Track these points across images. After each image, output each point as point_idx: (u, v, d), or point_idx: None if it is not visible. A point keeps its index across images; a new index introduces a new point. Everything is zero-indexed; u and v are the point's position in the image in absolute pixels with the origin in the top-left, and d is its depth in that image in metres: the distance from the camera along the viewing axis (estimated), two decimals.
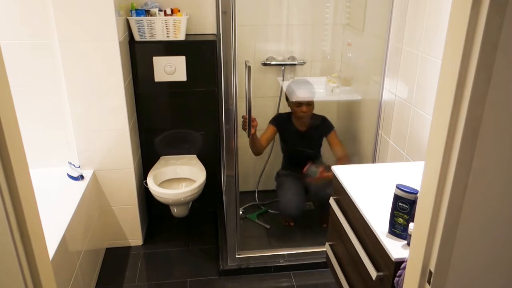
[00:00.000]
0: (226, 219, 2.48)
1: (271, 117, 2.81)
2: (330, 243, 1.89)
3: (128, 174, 2.50)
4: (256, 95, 2.88)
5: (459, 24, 0.74)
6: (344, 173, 1.72)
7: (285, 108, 2.92)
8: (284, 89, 2.83)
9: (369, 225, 1.42)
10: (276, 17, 2.84)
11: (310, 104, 2.59)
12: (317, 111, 2.68)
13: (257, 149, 2.62)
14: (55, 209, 2.03)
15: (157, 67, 2.58)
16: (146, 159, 2.80)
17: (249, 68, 2.12)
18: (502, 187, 0.83)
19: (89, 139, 2.39)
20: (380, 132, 2.36)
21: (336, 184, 1.76)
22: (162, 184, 2.68)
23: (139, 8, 2.48)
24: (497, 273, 0.92)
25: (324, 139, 2.73)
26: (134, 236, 2.67)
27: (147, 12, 2.47)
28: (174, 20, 2.48)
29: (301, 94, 2.63)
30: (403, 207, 1.31)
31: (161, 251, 2.64)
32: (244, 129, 2.36)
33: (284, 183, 2.74)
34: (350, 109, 2.94)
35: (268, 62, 2.88)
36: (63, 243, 1.85)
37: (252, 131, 2.38)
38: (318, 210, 2.92)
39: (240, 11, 1.97)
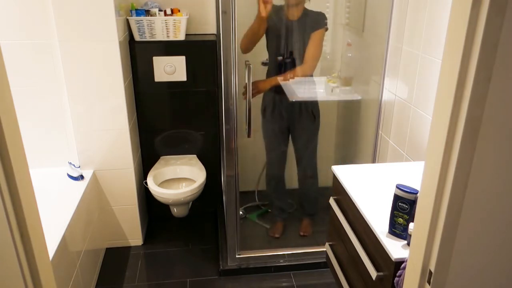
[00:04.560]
0: (226, 219, 2.47)
1: None
2: (330, 243, 1.89)
3: (128, 174, 2.51)
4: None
5: (459, 24, 0.74)
6: (344, 173, 1.72)
7: None
8: None
9: (369, 225, 1.42)
10: None
11: None
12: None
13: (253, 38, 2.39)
14: (55, 209, 2.03)
15: (157, 67, 2.58)
16: (146, 159, 2.80)
17: (249, 68, 2.12)
18: (502, 187, 0.83)
19: (89, 139, 2.39)
20: (380, 132, 2.35)
21: (336, 184, 1.76)
22: (162, 184, 2.68)
23: (139, 8, 2.48)
24: (497, 273, 0.92)
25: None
26: (134, 236, 2.67)
27: (147, 12, 2.47)
28: (174, 20, 2.48)
29: None
30: (403, 207, 1.31)
31: (161, 251, 2.64)
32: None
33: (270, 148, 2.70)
34: (350, 109, 2.94)
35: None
36: (63, 243, 1.85)
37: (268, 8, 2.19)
38: (301, 216, 2.87)
39: (240, 11, 1.97)
